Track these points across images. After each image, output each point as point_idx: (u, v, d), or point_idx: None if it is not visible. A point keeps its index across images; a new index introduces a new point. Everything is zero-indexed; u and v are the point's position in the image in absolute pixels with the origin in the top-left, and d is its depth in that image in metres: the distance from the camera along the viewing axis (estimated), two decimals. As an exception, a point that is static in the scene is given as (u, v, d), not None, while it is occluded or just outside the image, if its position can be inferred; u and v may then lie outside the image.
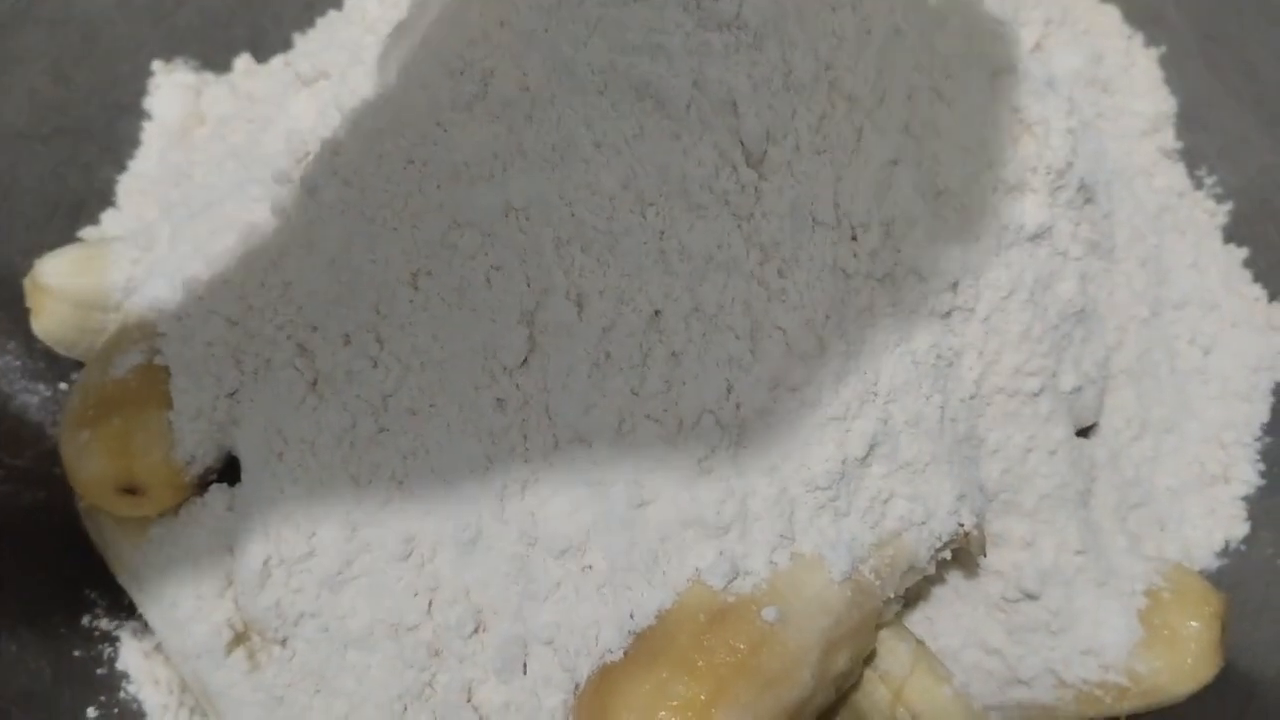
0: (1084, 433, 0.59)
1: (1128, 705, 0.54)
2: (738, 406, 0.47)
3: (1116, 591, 0.54)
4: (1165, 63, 0.75)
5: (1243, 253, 0.69)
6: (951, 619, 0.55)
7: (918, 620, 0.56)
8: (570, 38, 0.47)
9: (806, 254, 0.47)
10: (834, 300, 0.47)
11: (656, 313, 0.47)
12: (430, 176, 0.49)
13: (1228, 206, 0.71)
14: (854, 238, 0.48)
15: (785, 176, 0.46)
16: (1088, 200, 0.58)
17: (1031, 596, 0.53)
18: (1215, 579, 0.59)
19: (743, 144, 0.46)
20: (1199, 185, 0.72)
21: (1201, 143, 0.73)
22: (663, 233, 0.46)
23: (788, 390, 0.47)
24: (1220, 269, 0.68)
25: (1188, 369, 0.64)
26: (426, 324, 0.49)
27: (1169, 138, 0.73)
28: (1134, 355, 0.61)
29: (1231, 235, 0.71)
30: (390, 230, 0.50)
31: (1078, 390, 0.55)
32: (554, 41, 0.47)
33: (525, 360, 0.48)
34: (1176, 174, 0.72)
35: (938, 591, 0.56)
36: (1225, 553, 0.62)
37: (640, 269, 0.46)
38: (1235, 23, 0.71)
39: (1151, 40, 0.75)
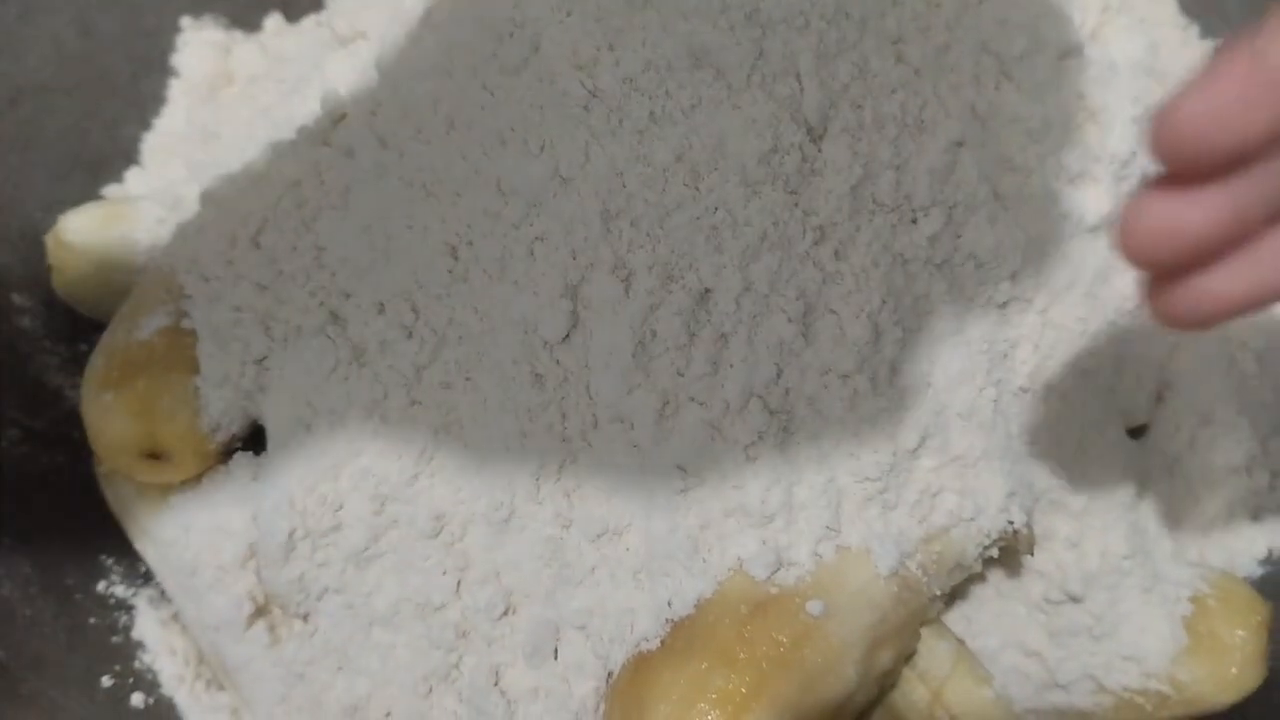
0: (1133, 434, 0.57)
1: (1168, 713, 0.53)
2: (787, 392, 0.45)
3: (1161, 597, 0.52)
4: (1221, 55, 0.73)
5: (1293, 256, 0.68)
6: (991, 619, 0.54)
7: (956, 619, 0.54)
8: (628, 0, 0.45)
9: (864, 236, 0.45)
10: (891, 285, 0.45)
11: (706, 291, 0.45)
12: (474, 142, 0.47)
13: (1279, 207, 0.69)
14: (914, 221, 0.46)
15: (846, 154, 0.44)
16: (1147, 193, 0.56)
17: (1075, 599, 0.52)
18: (1258, 586, 0.58)
19: (805, 117, 0.44)
20: (1250, 184, 0.71)
21: (1254, 139, 0.71)
22: (716, 208, 0.44)
23: (839, 377, 0.45)
24: (1274, 270, 0.66)
25: (1241, 372, 0.62)
26: (465, 295, 0.48)
27: (1221, 133, 0.71)
28: (1186, 357, 0.59)
29: None
30: (430, 197, 0.48)
31: (1132, 389, 0.54)
32: (610, 4, 0.46)
33: (567, 336, 0.46)
34: (1229, 169, 0.70)
35: (978, 590, 0.54)
36: (1269, 560, 0.61)
37: (691, 245, 0.44)
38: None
39: (1208, 31, 0.73)
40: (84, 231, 0.60)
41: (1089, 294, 0.51)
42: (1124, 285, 0.53)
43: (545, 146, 0.46)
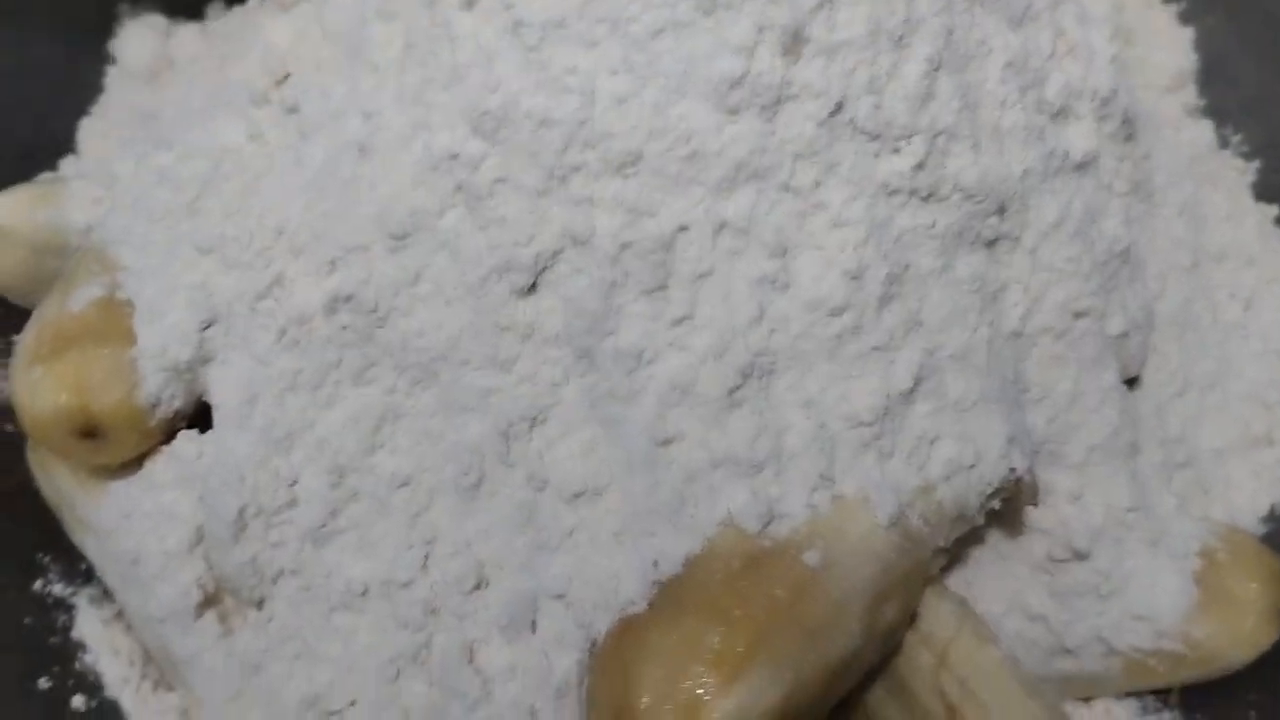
0: (1126, 385, 0.55)
1: (1183, 675, 0.51)
2: (771, 331, 0.43)
3: (1170, 552, 0.50)
4: (1185, 18, 0.72)
5: (1273, 210, 0.67)
6: (992, 583, 0.51)
7: (955, 585, 0.51)
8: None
9: (847, 164, 0.42)
10: (874, 218, 0.43)
11: (681, 228, 0.42)
12: (431, 81, 0.45)
13: (1256, 164, 0.69)
14: (896, 150, 0.43)
15: (823, 74, 0.42)
16: (1129, 136, 0.54)
17: (1080, 556, 0.49)
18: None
19: (779, 32, 0.41)
20: (1224, 143, 0.70)
21: (1225, 100, 0.71)
22: (689, 137, 0.42)
23: (826, 314, 0.42)
24: (1255, 224, 0.65)
25: (1229, 323, 0.61)
26: (424, 246, 0.45)
27: (1192, 95, 0.71)
28: (1176, 305, 0.57)
29: (1260, 193, 0.68)
30: (384, 141, 0.45)
31: (1124, 335, 0.52)
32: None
33: (534, 284, 0.44)
34: (1203, 130, 0.69)
35: (976, 553, 0.51)
36: (1270, 518, 0.59)
37: (663, 177, 0.42)
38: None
39: (1172, -5, 0.73)
40: (14, 214, 0.56)
41: (1078, 233, 0.49)
42: (1113, 226, 0.51)
43: (500, 84, 0.43)
